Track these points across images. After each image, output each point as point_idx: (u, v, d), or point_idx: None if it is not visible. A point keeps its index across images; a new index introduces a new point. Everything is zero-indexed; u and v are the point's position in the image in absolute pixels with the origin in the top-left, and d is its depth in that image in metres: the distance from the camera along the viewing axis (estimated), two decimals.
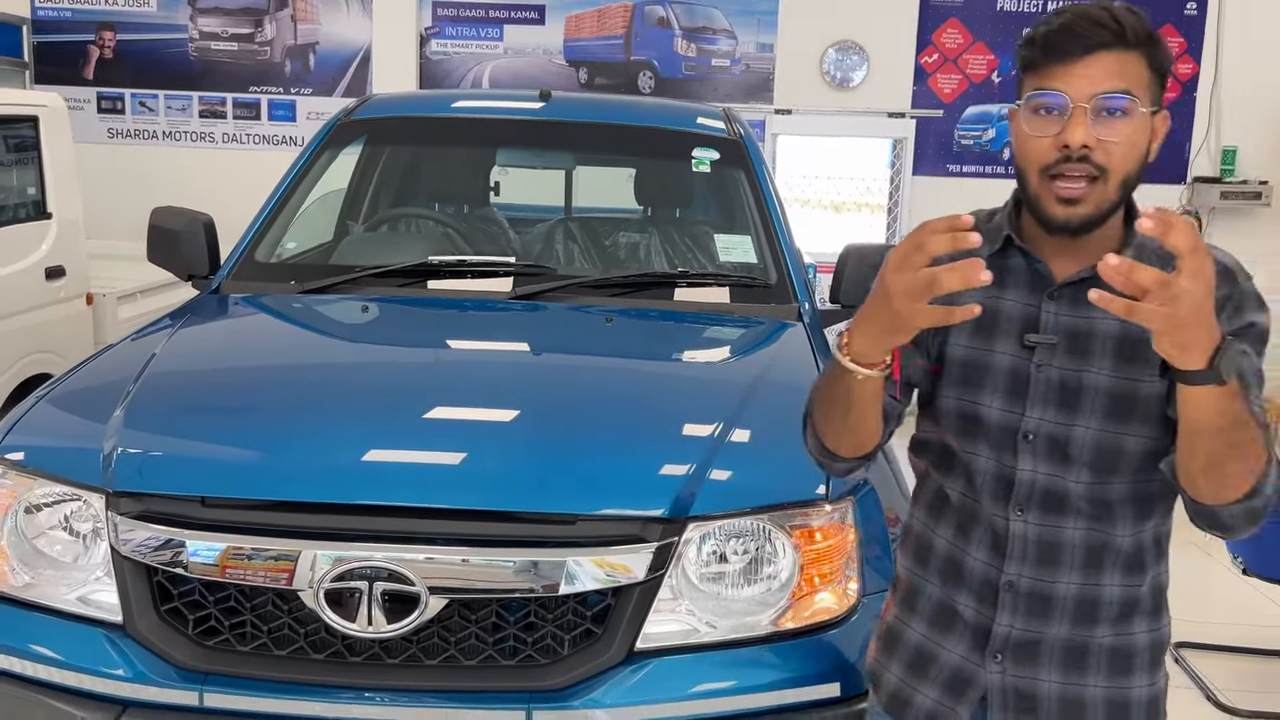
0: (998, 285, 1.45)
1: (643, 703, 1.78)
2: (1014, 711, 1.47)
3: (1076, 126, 1.32)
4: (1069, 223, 1.37)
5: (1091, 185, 1.34)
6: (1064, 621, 1.45)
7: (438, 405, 2.10)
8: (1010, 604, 1.46)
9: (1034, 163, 1.37)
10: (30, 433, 2.05)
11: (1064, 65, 1.34)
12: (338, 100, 7.99)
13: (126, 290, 5.30)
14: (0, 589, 1.92)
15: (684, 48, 7.91)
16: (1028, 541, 1.45)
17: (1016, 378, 1.44)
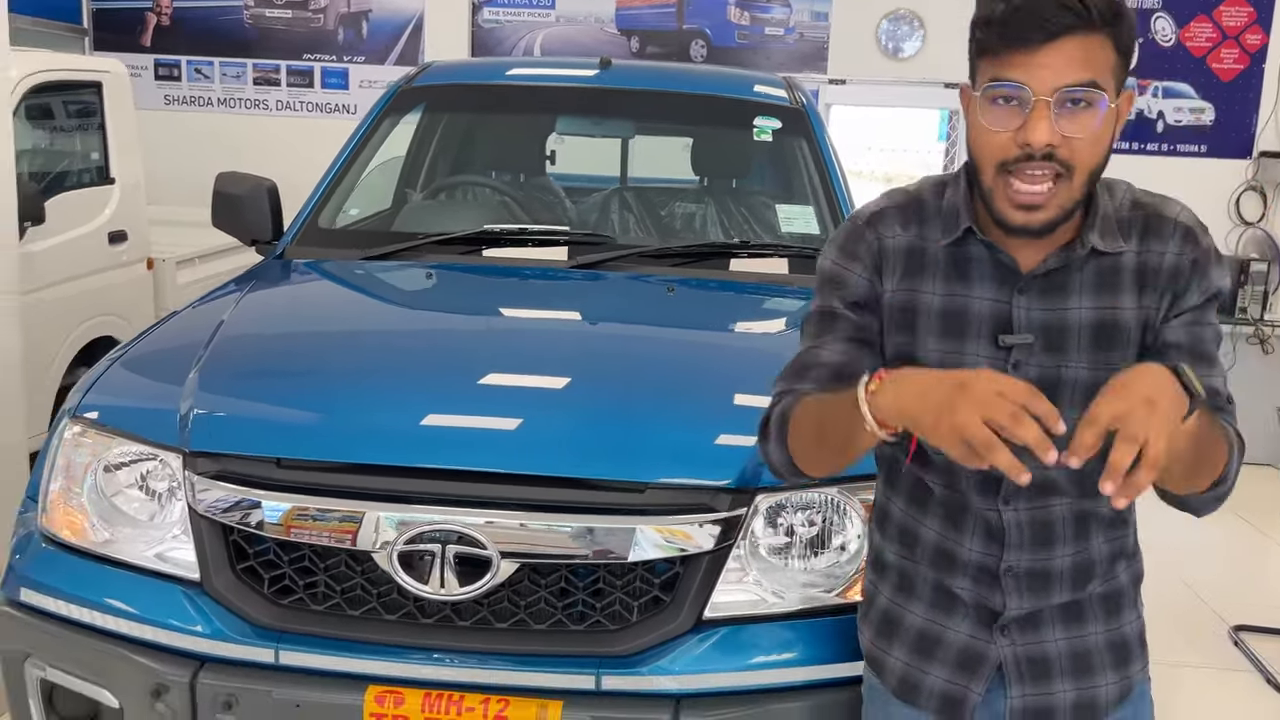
0: (961, 279, 1.38)
1: (710, 671, 1.78)
2: (1030, 679, 1.48)
3: (1039, 123, 1.22)
4: (1029, 227, 1.29)
5: (1055, 184, 1.26)
6: (1063, 590, 1.47)
7: (507, 372, 2.11)
8: (1014, 587, 1.45)
9: (991, 158, 1.27)
10: (107, 393, 2.08)
11: (1025, 53, 1.22)
12: (390, 68, 8.01)
13: (185, 255, 5.38)
14: (81, 544, 1.96)
15: (737, 16, 7.83)
16: (1023, 528, 1.43)
17: None
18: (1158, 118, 7.53)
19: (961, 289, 1.38)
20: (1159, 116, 7.52)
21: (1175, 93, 7.52)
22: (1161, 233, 1.37)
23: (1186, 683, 3.69)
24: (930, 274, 1.40)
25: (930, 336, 1.39)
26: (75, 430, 2.03)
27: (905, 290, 1.40)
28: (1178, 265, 1.35)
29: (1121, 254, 1.36)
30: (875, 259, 1.42)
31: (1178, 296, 1.36)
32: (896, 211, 1.43)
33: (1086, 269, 1.35)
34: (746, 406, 2.03)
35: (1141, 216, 1.38)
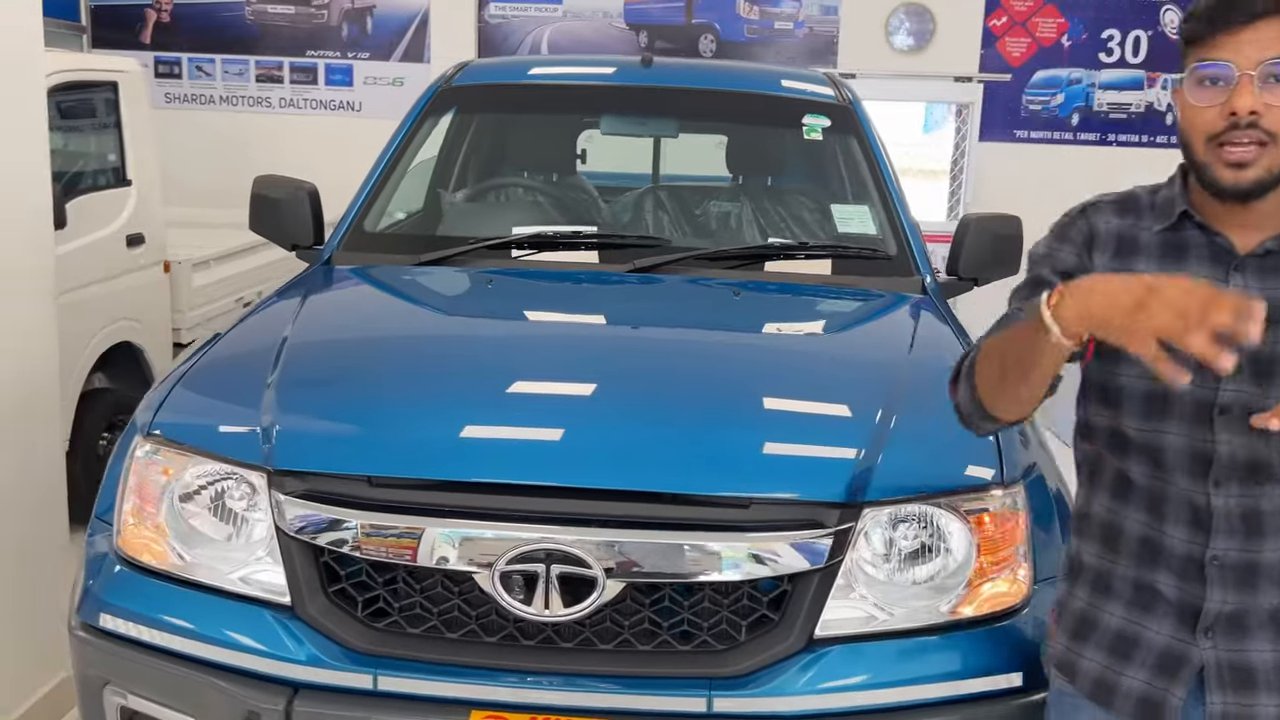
0: (1175, 260, 1.45)
1: (826, 691, 1.74)
2: (1233, 687, 1.44)
3: (1244, 93, 1.34)
4: (1238, 186, 1.37)
5: (1261, 149, 1.35)
6: (1271, 589, 1.43)
7: (598, 383, 2.05)
8: (1219, 579, 1.43)
9: (1200, 132, 1.38)
10: (179, 410, 2.02)
11: (1229, 34, 1.35)
12: (396, 65, 7.93)
13: (202, 257, 5.29)
14: (161, 567, 1.89)
15: (746, 10, 7.77)
16: (1231, 515, 1.42)
17: None
18: (1167, 110, 7.52)
19: (1175, 269, 1.43)
20: (1168, 109, 7.51)
21: None
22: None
23: None
24: (1144, 256, 1.48)
25: None
26: (147, 449, 1.96)
27: (1117, 269, 1.46)
28: None
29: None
30: (1086, 239, 1.52)
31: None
32: (1111, 203, 1.54)
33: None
34: (847, 418, 1.99)
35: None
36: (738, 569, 1.75)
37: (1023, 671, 1.80)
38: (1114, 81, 7.48)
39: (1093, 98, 7.50)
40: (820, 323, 2.67)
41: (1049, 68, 7.52)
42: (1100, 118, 7.52)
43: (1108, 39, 7.44)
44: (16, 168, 2.75)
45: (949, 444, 1.97)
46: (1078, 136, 7.56)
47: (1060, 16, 7.46)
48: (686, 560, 1.75)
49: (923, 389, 2.13)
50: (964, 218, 3.01)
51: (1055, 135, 7.58)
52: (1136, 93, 7.48)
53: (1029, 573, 1.89)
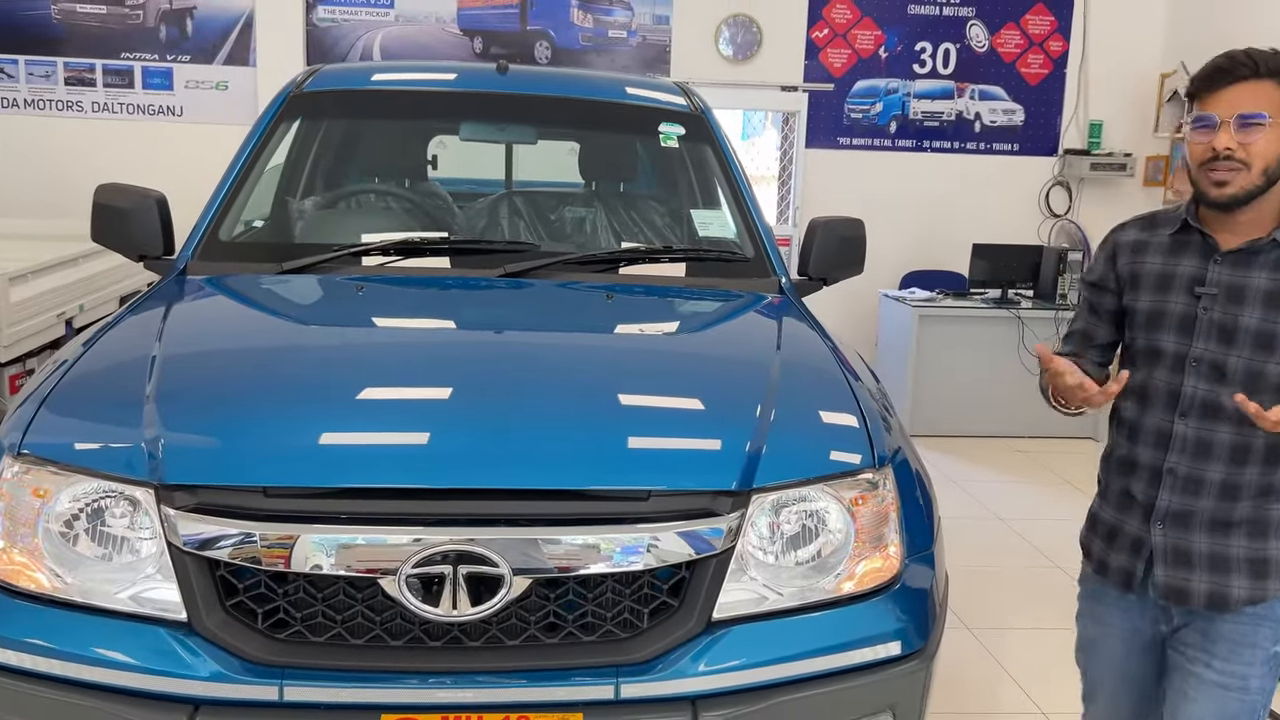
0: (1175, 256, 2.06)
1: (725, 670, 1.83)
2: (1173, 563, 2.04)
3: (1223, 136, 1.90)
4: (1220, 199, 1.93)
5: (1236, 174, 1.90)
6: (1211, 497, 2.00)
7: (493, 386, 2.08)
8: (1170, 484, 2.03)
9: (1195, 161, 1.95)
10: (52, 429, 1.93)
11: (1215, 94, 1.92)
12: (219, 68, 7.65)
13: (18, 271, 4.97)
14: (40, 591, 1.81)
15: (580, 18, 7.87)
16: (1187, 440, 2.00)
17: (1187, 319, 2.01)
18: (975, 118, 8.05)
19: (1174, 261, 2.05)
20: (976, 117, 8.05)
21: (990, 95, 8.06)
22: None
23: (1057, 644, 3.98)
24: (1154, 253, 2.09)
25: (1147, 291, 2.07)
26: (17, 469, 1.88)
27: (1132, 264, 2.11)
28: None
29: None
30: (1110, 253, 2.16)
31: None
32: (1136, 221, 2.17)
33: (1270, 256, 1.95)
34: (732, 411, 2.09)
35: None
36: (639, 559, 1.82)
37: (900, 640, 1.95)
38: (927, 91, 7.95)
39: (908, 106, 7.95)
40: (693, 322, 2.77)
41: (868, 78, 7.93)
42: (915, 125, 7.98)
43: (920, 51, 7.91)
44: None
45: (822, 433, 2.11)
46: (895, 143, 7.99)
47: (877, 29, 7.89)
48: (591, 553, 1.81)
49: (794, 382, 2.26)
50: (812, 221, 3.18)
51: (875, 142, 8.00)
52: (948, 101, 7.98)
53: (899, 549, 2.04)
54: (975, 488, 5.77)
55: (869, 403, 2.23)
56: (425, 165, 3.98)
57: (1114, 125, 8.03)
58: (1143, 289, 2.09)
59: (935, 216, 7.91)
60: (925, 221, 7.90)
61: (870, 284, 7.01)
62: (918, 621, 1.99)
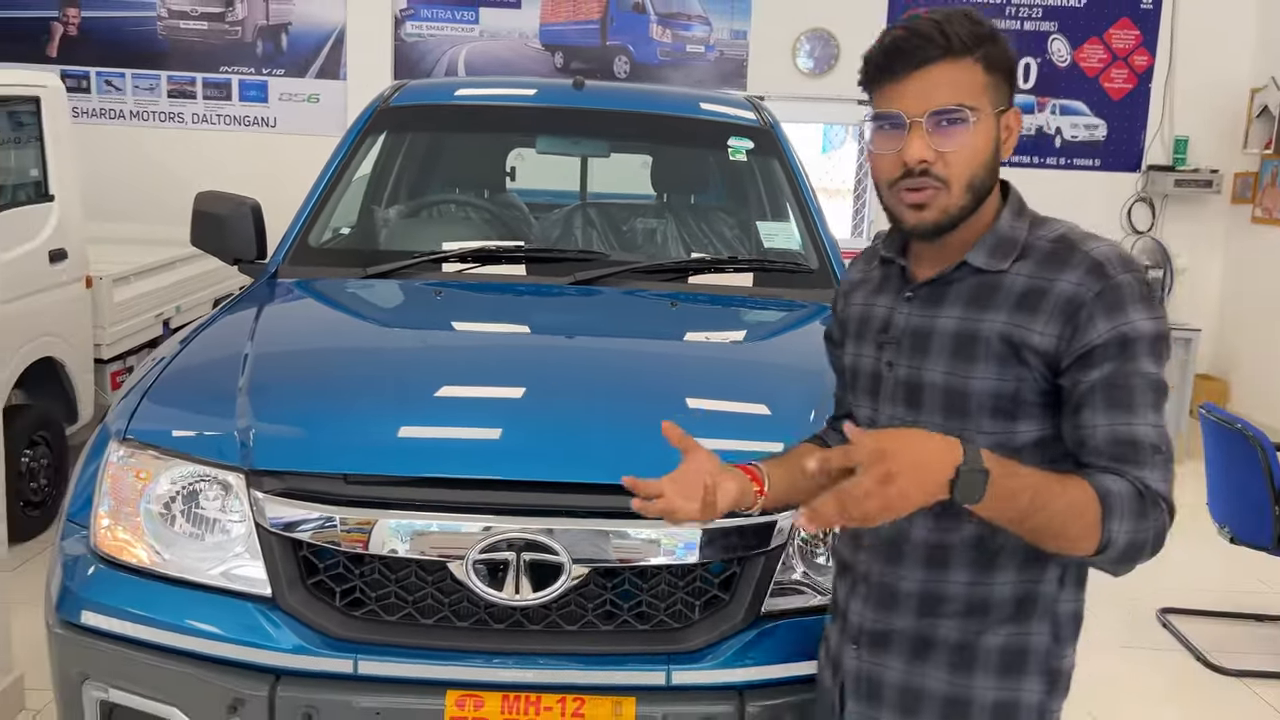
0: (876, 291, 1.56)
1: (773, 662, 1.91)
2: (865, 697, 1.55)
3: (913, 142, 1.36)
4: (920, 227, 1.42)
5: (935, 193, 1.39)
6: (909, 613, 1.50)
7: (565, 387, 2.19)
8: (864, 593, 1.54)
9: (883, 176, 1.43)
10: (154, 417, 2.10)
11: (896, 84, 1.37)
12: (311, 81, 7.95)
13: (121, 273, 5.26)
14: (141, 565, 1.97)
15: (659, 33, 8.01)
16: (878, 536, 1.51)
17: (875, 378, 1.53)
18: (1055, 134, 7.98)
19: (872, 299, 1.57)
20: (1056, 132, 7.98)
21: (1071, 110, 7.99)
22: (1067, 262, 1.39)
23: (1123, 662, 3.96)
24: (862, 291, 1.61)
25: (851, 340, 1.60)
26: (122, 453, 2.04)
27: (846, 307, 1.65)
28: (1075, 295, 1.35)
29: (1004, 273, 1.41)
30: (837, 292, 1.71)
31: (1079, 329, 1.35)
32: (863, 254, 1.70)
33: (965, 284, 1.44)
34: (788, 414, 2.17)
35: (1056, 246, 1.41)
36: (691, 553, 1.92)
37: None
38: None
39: None
40: (753, 330, 2.86)
41: None
42: None
43: None
44: None
45: None
46: None
47: None
48: (644, 545, 1.90)
49: None
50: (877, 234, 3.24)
51: None
52: (1027, 116, 7.93)
53: None
54: None
55: None
56: (504, 177, 4.14)
57: (1200, 141, 7.89)
58: (849, 338, 1.61)
59: None
60: None
61: None
62: None
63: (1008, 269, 1.41)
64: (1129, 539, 1.31)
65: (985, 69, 1.38)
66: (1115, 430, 1.34)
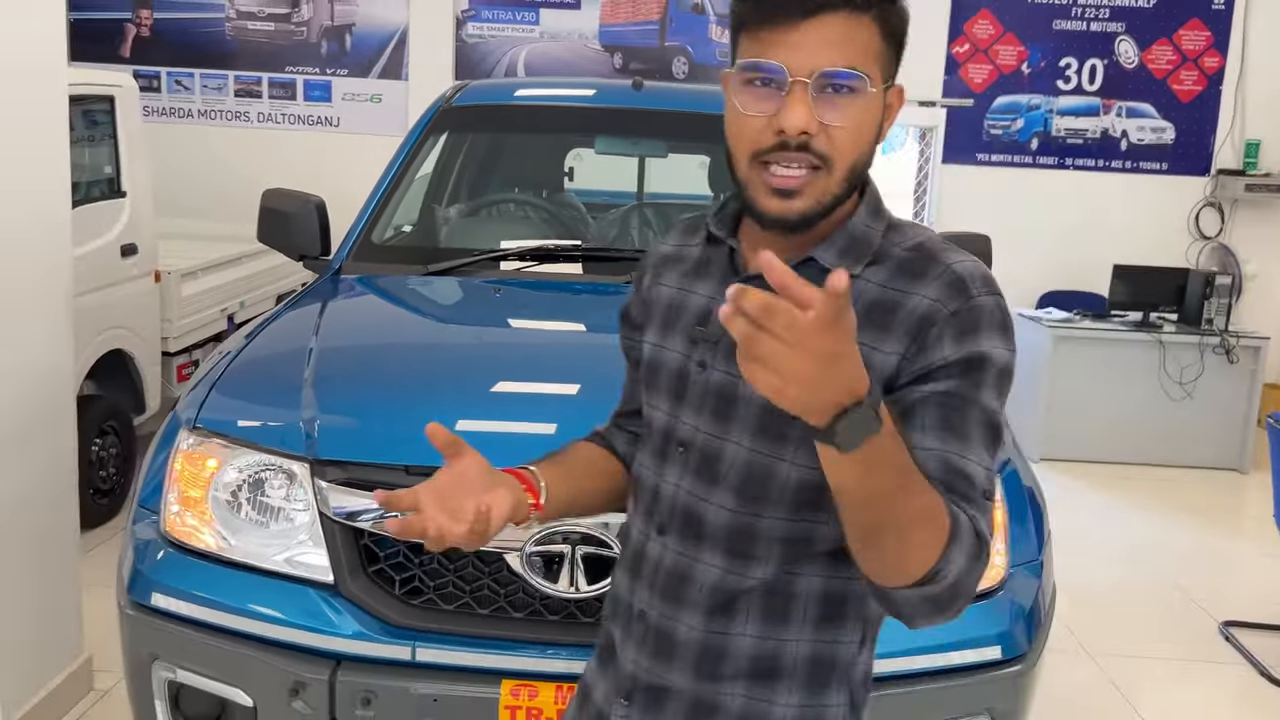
0: (695, 276, 1.28)
1: None
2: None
3: (796, 107, 1.10)
4: (785, 218, 1.14)
5: (812, 174, 1.13)
6: (684, 670, 1.23)
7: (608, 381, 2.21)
8: (639, 636, 1.25)
9: (746, 145, 1.14)
10: (222, 407, 2.16)
11: (781, 30, 1.10)
12: (374, 81, 8.07)
13: (189, 268, 5.39)
14: (209, 550, 2.03)
15: (718, 34, 8.01)
16: (660, 569, 1.24)
17: (680, 378, 1.23)
18: (1121, 136, 7.85)
19: (689, 285, 1.28)
20: (1122, 135, 7.85)
21: (1138, 112, 7.85)
22: (924, 274, 1.16)
23: (1185, 677, 3.89)
24: (679, 271, 1.32)
25: (654, 328, 1.31)
26: (192, 441, 2.10)
27: (654, 286, 1.35)
28: (929, 312, 1.13)
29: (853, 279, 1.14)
30: (643, 267, 1.40)
31: (925, 348, 1.12)
32: (680, 226, 1.40)
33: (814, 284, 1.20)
34: None
35: (913, 256, 1.19)
36: None
37: (1001, 645, 1.99)
38: (1071, 108, 7.79)
39: (1051, 123, 7.81)
40: None
41: (1009, 94, 7.82)
42: (1058, 142, 7.83)
43: (1065, 67, 7.77)
44: (41, 181, 2.87)
45: None
46: (1036, 160, 7.86)
47: (1020, 45, 7.77)
48: None
49: None
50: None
51: (1015, 159, 7.88)
52: (1093, 119, 7.81)
53: (1005, 557, 2.09)
54: (1108, 515, 5.64)
55: None
56: (562, 177, 4.18)
57: (1272, 144, 7.71)
58: (651, 324, 1.32)
59: (1076, 235, 7.74)
60: (1065, 240, 7.73)
61: None
62: (1020, 628, 2.03)
63: (859, 274, 1.16)
64: (958, 577, 1.04)
65: (881, 32, 1.14)
66: (949, 458, 1.08)
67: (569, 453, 1.39)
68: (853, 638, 1.24)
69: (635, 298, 1.40)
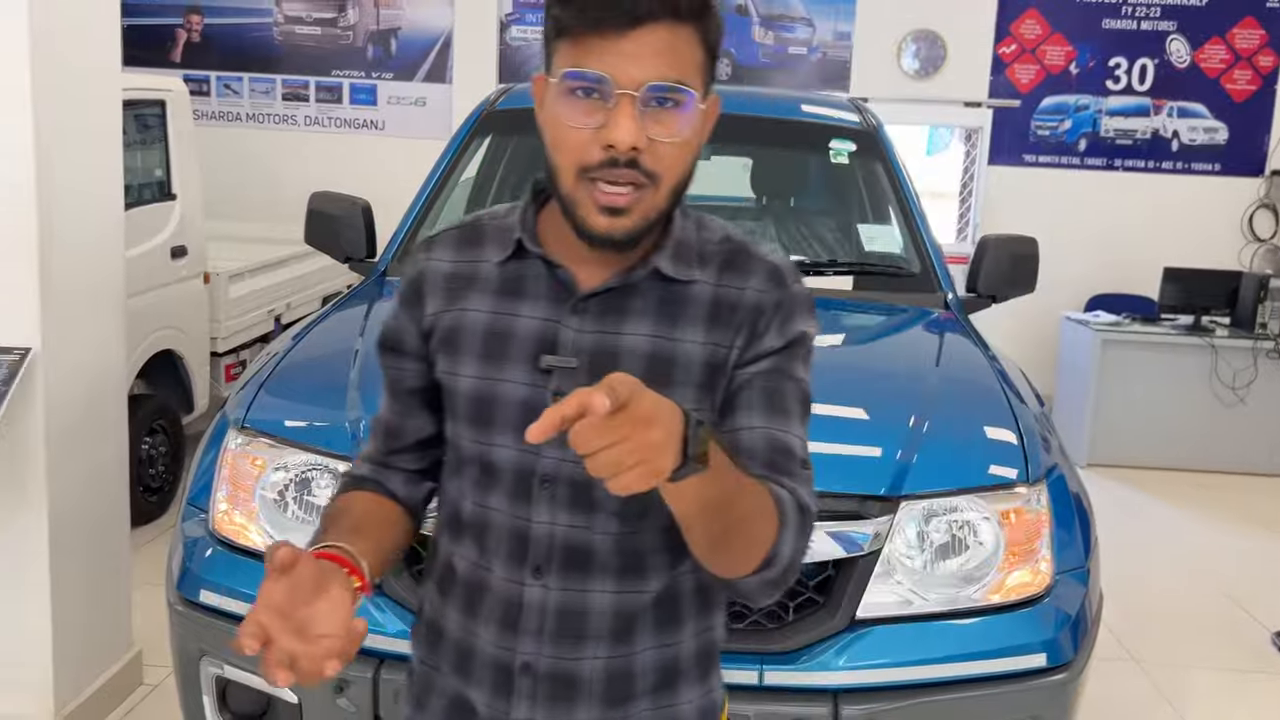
0: (513, 297, 1.20)
1: (866, 667, 1.90)
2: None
3: (624, 123, 1.06)
4: (611, 235, 1.11)
5: (639, 192, 1.10)
6: (591, 705, 1.20)
7: None
8: (528, 691, 1.19)
9: (572, 159, 1.10)
10: (270, 407, 2.19)
11: (606, 39, 1.06)
12: (419, 85, 8.15)
13: (238, 269, 5.47)
14: (255, 548, 2.06)
15: (762, 35, 7.99)
16: (546, 612, 1.18)
17: (531, 410, 1.09)
18: (1173, 137, 7.72)
19: (510, 307, 1.20)
20: (1174, 136, 7.72)
21: (1190, 113, 7.72)
22: (746, 268, 1.20)
23: (1237, 688, 3.82)
24: (479, 292, 1.22)
25: (471, 358, 1.21)
26: (240, 441, 2.14)
27: (447, 309, 1.23)
28: (759, 302, 1.18)
29: (693, 284, 1.18)
30: (416, 287, 1.26)
31: (756, 336, 1.17)
32: (450, 236, 1.28)
33: (651, 294, 1.18)
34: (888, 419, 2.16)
35: (729, 250, 1.22)
36: None
37: (1046, 653, 1.97)
38: (1120, 108, 7.68)
39: (1100, 124, 7.71)
40: (855, 334, 2.84)
41: (1057, 94, 7.73)
42: (1107, 143, 7.72)
43: (1115, 67, 7.66)
44: (96, 185, 2.93)
45: (976, 445, 2.15)
46: (1084, 161, 7.76)
47: (1068, 45, 7.68)
48: None
49: (950, 395, 2.31)
50: (983, 238, 3.20)
51: (1062, 160, 7.78)
52: (1143, 119, 7.69)
53: (1050, 564, 2.06)
54: (1158, 522, 5.55)
55: (1027, 419, 2.25)
56: None
57: None
58: (464, 354, 1.21)
59: (1125, 237, 7.63)
60: (1114, 242, 7.62)
61: (1052, 305, 6.84)
62: (1066, 636, 2.01)
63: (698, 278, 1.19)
64: (792, 554, 1.10)
65: (701, 43, 1.11)
66: (773, 434, 1.14)
67: (353, 513, 1.24)
68: (720, 621, 1.30)
69: (407, 323, 1.26)
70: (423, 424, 1.28)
